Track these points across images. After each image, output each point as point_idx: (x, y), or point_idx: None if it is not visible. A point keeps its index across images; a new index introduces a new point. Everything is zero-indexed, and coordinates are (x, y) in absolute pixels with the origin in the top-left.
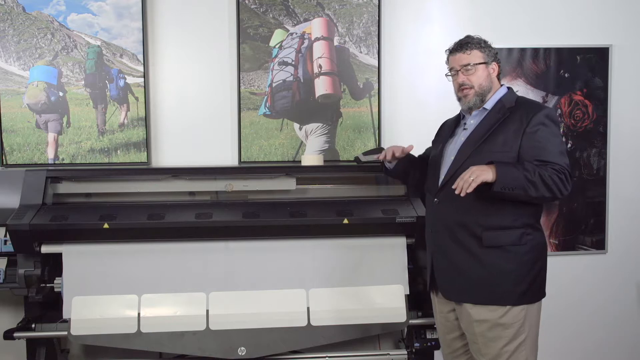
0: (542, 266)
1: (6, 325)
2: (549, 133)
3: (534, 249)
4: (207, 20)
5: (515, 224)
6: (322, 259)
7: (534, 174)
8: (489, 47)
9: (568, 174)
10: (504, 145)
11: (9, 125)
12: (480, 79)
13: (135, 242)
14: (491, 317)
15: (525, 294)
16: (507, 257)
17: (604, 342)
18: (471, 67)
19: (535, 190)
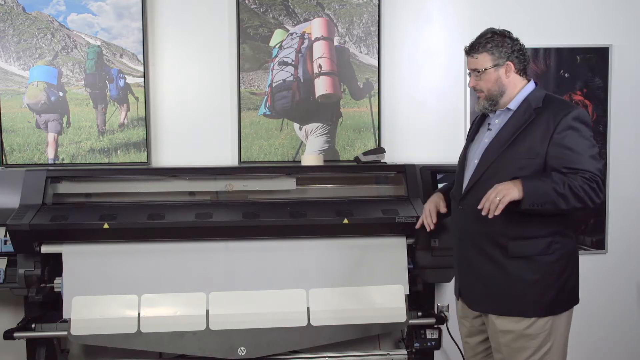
0: (572, 273)
1: (6, 325)
2: (578, 137)
3: (563, 258)
4: (207, 20)
5: (542, 233)
6: (322, 259)
7: (563, 186)
8: (502, 46)
9: (600, 181)
10: (530, 152)
11: (9, 125)
12: (488, 84)
13: (135, 242)
14: (516, 328)
15: (552, 305)
16: (533, 268)
17: (604, 342)
18: (479, 72)
19: (566, 203)
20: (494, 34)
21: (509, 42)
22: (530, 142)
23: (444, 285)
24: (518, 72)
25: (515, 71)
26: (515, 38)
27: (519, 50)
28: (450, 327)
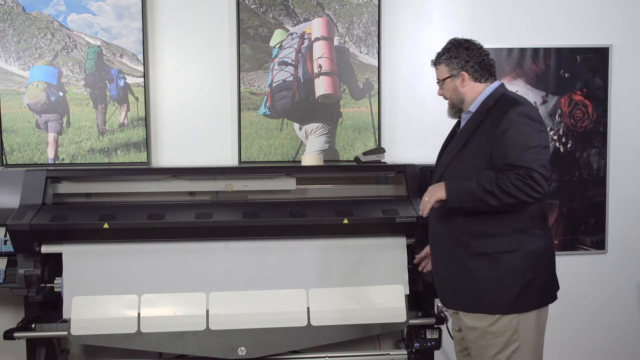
0: (540, 272)
1: (6, 325)
2: (518, 132)
3: (528, 256)
4: (207, 20)
5: (505, 231)
6: (322, 259)
7: (490, 184)
8: (457, 57)
9: (539, 175)
10: (478, 151)
11: (9, 125)
12: (449, 93)
13: (135, 242)
14: (481, 325)
15: (516, 303)
16: (496, 265)
17: (604, 342)
18: (440, 83)
19: (496, 200)
20: (452, 45)
21: (464, 53)
22: (478, 142)
23: None
24: (476, 80)
25: (471, 80)
26: (474, 47)
27: (475, 59)
28: (451, 327)
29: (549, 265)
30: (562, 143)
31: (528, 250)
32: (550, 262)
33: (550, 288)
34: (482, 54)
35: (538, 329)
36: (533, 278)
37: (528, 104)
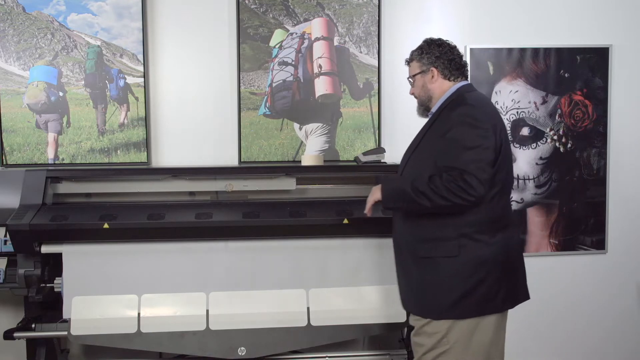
0: (483, 280)
1: (6, 325)
2: (458, 133)
3: (470, 262)
4: (207, 20)
5: (450, 235)
6: (322, 259)
7: (423, 185)
8: (428, 53)
9: (471, 178)
10: (428, 153)
11: (9, 125)
12: (417, 90)
13: (135, 242)
14: (416, 324)
15: (450, 309)
16: (436, 269)
17: (604, 342)
18: (411, 80)
19: (429, 201)
20: (425, 43)
21: (435, 50)
22: (430, 142)
23: None
24: (445, 77)
25: (440, 76)
26: (446, 46)
27: (447, 56)
28: None
29: (496, 273)
30: (562, 143)
31: (471, 256)
32: (497, 270)
33: (493, 297)
34: (454, 53)
35: (474, 338)
36: (474, 285)
37: (477, 104)
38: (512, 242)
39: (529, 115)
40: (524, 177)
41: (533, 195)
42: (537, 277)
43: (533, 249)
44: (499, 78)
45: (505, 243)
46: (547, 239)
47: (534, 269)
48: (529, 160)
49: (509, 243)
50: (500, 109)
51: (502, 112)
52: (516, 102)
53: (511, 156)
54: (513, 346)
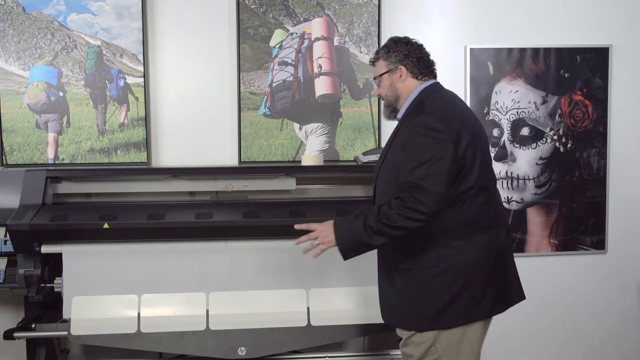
0: (464, 288)
1: (6, 325)
2: (414, 144)
3: (449, 272)
4: (207, 20)
5: (427, 245)
6: (322, 259)
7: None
8: (395, 51)
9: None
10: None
11: (9, 125)
12: (384, 90)
13: (135, 242)
14: (404, 335)
15: (434, 321)
16: (417, 280)
17: (604, 342)
18: (378, 80)
19: (387, 237)
20: (391, 41)
21: (403, 47)
22: (394, 153)
23: None
24: (414, 76)
25: (409, 75)
26: (413, 43)
27: (415, 54)
28: None
29: (478, 279)
30: (562, 143)
31: (449, 264)
32: (479, 275)
33: (477, 303)
34: (422, 52)
35: (464, 345)
36: (456, 294)
37: (436, 112)
38: (497, 243)
39: (529, 115)
40: (524, 177)
41: (533, 195)
42: (537, 277)
43: (533, 249)
44: (499, 78)
45: (487, 245)
46: (547, 239)
47: (534, 269)
48: (529, 160)
49: (493, 244)
50: (500, 108)
51: (502, 112)
52: (516, 102)
53: (488, 154)
54: (513, 346)
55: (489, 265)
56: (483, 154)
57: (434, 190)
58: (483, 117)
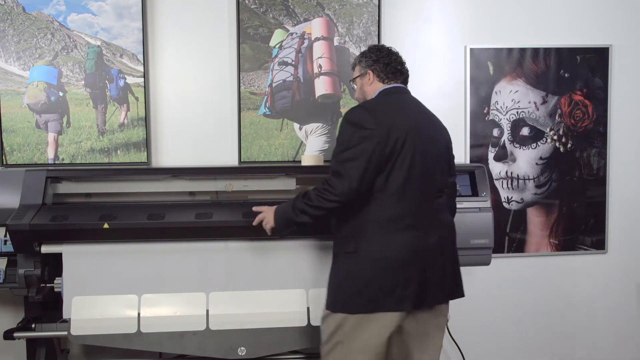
0: (371, 280)
1: (6, 325)
2: (340, 134)
3: (364, 260)
4: (207, 20)
5: (350, 233)
6: (322, 259)
7: (300, 203)
8: (367, 57)
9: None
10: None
11: (9, 125)
12: (357, 93)
13: (135, 242)
14: (324, 312)
15: (342, 303)
16: (339, 265)
17: (604, 342)
18: (352, 83)
19: (309, 216)
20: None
21: (374, 54)
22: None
23: None
24: (380, 80)
25: (376, 79)
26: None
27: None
28: (450, 327)
29: (388, 273)
30: (562, 143)
31: (365, 254)
32: (393, 269)
33: (385, 296)
34: (392, 58)
35: (368, 332)
36: (366, 283)
37: (368, 109)
38: (418, 244)
39: (529, 115)
40: (524, 177)
41: (533, 195)
42: (537, 277)
43: (533, 249)
44: (499, 78)
45: (405, 243)
46: (547, 239)
47: (534, 269)
48: (529, 160)
49: (413, 244)
50: (500, 108)
51: (502, 112)
52: (516, 102)
53: (429, 160)
54: (513, 346)
55: (404, 262)
56: (420, 159)
57: (348, 176)
58: (483, 117)
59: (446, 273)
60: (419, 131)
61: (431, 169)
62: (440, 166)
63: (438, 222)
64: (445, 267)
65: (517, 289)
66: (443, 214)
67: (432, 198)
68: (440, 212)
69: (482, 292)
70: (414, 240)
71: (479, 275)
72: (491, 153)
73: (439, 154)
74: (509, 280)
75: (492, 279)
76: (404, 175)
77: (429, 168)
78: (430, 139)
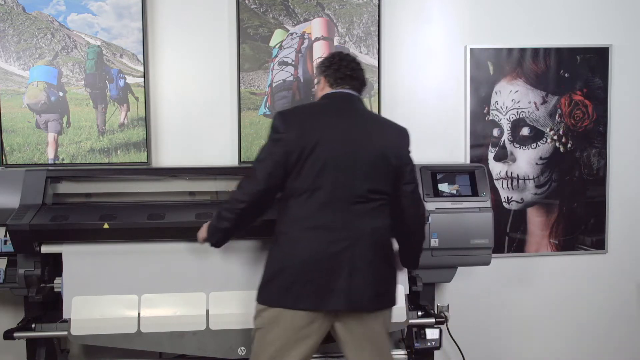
0: (279, 273)
1: (6, 325)
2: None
3: (277, 253)
4: (207, 20)
5: (275, 229)
6: None
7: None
8: (321, 65)
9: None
10: None
11: (9, 125)
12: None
13: (135, 242)
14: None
15: (259, 293)
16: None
17: (604, 342)
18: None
19: (227, 221)
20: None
21: (327, 61)
22: None
23: (444, 285)
24: (330, 86)
25: (327, 85)
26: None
27: (335, 66)
28: (450, 327)
29: (287, 269)
30: (562, 143)
31: (278, 248)
32: (294, 267)
33: (285, 292)
34: (343, 64)
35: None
36: (271, 276)
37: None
38: (323, 245)
39: (529, 115)
40: (524, 177)
41: (533, 195)
42: (537, 277)
43: (533, 249)
44: (499, 78)
45: (311, 243)
46: (547, 239)
47: (534, 269)
48: (529, 160)
49: (318, 245)
50: (500, 108)
51: (502, 112)
52: (516, 102)
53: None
54: (512, 346)
55: (302, 262)
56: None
57: (255, 177)
58: (483, 117)
59: (360, 280)
60: (337, 136)
61: (349, 174)
62: (364, 172)
63: (354, 228)
64: (359, 273)
65: (517, 289)
66: (364, 220)
67: (349, 204)
68: (359, 219)
69: (482, 292)
70: (312, 244)
71: (479, 275)
72: (491, 153)
73: (365, 161)
74: (509, 280)
75: (492, 279)
76: (313, 177)
77: (347, 173)
78: (354, 144)
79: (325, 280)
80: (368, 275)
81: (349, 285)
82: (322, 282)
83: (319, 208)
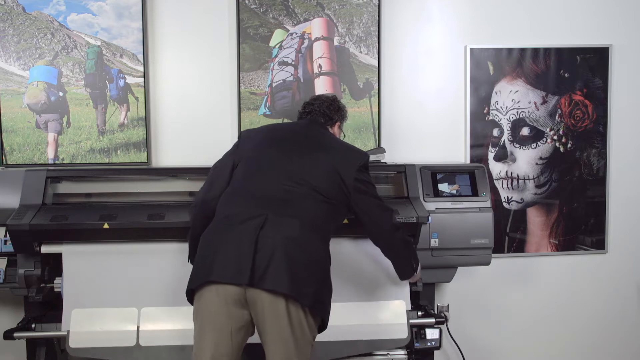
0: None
1: (6, 325)
2: None
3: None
4: (207, 20)
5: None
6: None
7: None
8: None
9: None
10: None
11: (9, 125)
12: None
13: (135, 242)
14: None
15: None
16: None
17: (604, 342)
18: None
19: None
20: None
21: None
22: None
23: (444, 285)
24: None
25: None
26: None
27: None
28: (450, 327)
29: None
30: (562, 143)
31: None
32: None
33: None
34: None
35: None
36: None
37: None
38: (211, 229)
39: (529, 115)
40: (524, 177)
41: (533, 195)
42: (537, 277)
43: (533, 249)
44: (499, 78)
45: (210, 225)
46: (547, 239)
47: (534, 269)
48: (529, 160)
49: (211, 227)
50: (500, 108)
51: (502, 112)
52: (516, 102)
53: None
54: (512, 346)
55: (202, 240)
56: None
57: (203, 188)
58: (483, 117)
59: (231, 254)
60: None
61: (246, 181)
62: (254, 177)
63: (228, 214)
64: (231, 251)
65: (517, 289)
66: (238, 209)
67: (234, 197)
68: (231, 207)
69: (482, 292)
70: (213, 224)
71: (479, 275)
72: (491, 153)
73: (264, 168)
74: (509, 280)
75: (492, 279)
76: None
77: (248, 171)
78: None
79: (207, 255)
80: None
81: (224, 259)
82: (207, 256)
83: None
